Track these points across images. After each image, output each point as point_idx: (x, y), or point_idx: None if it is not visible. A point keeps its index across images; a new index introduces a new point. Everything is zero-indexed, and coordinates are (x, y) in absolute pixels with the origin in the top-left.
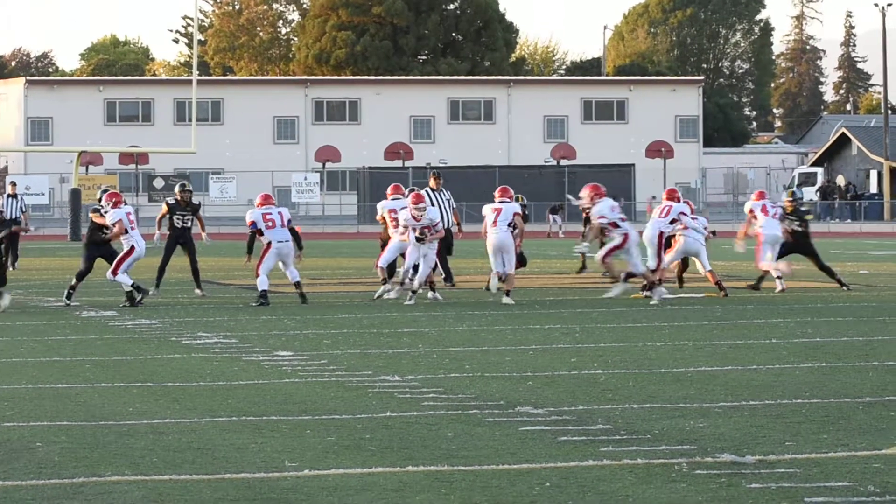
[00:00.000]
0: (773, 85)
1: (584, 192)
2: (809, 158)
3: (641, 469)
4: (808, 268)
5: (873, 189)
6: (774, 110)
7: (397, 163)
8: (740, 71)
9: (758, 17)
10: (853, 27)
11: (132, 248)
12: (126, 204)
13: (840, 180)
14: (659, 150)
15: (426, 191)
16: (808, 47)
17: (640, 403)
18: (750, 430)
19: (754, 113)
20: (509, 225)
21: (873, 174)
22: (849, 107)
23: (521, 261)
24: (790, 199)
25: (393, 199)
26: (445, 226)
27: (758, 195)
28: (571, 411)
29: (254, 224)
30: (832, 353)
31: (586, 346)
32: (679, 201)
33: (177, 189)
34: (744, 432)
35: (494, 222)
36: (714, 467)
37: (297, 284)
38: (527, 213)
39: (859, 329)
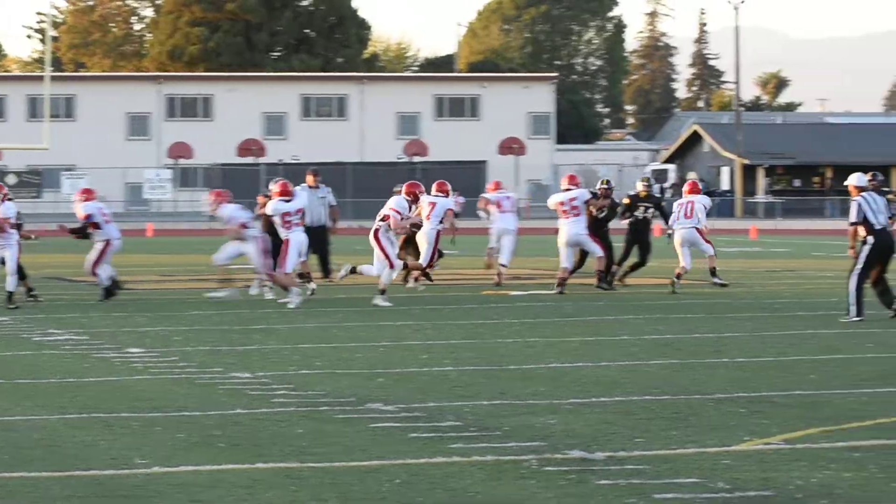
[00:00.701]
0: (625, 82)
1: (210, 198)
2: (662, 155)
3: (491, 466)
4: (658, 266)
5: (725, 186)
6: (627, 107)
7: (250, 159)
8: (593, 68)
9: (611, 14)
10: (706, 24)
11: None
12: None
13: (692, 177)
14: (511, 146)
15: (302, 187)
16: (660, 44)
17: (490, 400)
18: (600, 427)
19: (607, 110)
20: (441, 221)
21: (725, 171)
22: (701, 104)
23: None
24: (645, 184)
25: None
26: (319, 222)
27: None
28: (422, 408)
29: (89, 217)
30: (683, 349)
31: (437, 343)
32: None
33: None
34: (594, 429)
35: (428, 216)
36: (563, 464)
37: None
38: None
39: (710, 326)
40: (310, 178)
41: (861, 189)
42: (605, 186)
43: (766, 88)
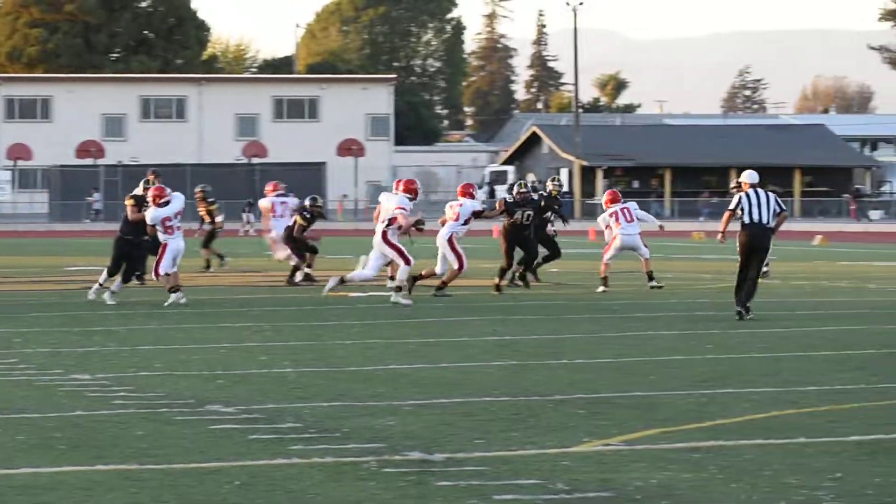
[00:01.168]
0: (464, 83)
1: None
2: (501, 157)
3: (330, 467)
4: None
5: (564, 188)
6: (466, 109)
7: (89, 161)
8: (432, 69)
9: (450, 16)
10: (544, 26)
11: None
12: None
13: (530, 178)
14: (350, 148)
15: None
16: (499, 46)
17: (330, 401)
18: (439, 428)
19: (446, 111)
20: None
21: (564, 172)
22: (540, 105)
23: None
24: (556, 184)
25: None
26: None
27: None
28: (261, 409)
29: None
30: (522, 350)
31: (276, 345)
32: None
33: None
34: (433, 430)
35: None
36: (403, 465)
37: None
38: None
39: (549, 327)
40: (150, 179)
41: (752, 186)
42: (524, 190)
43: (604, 90)
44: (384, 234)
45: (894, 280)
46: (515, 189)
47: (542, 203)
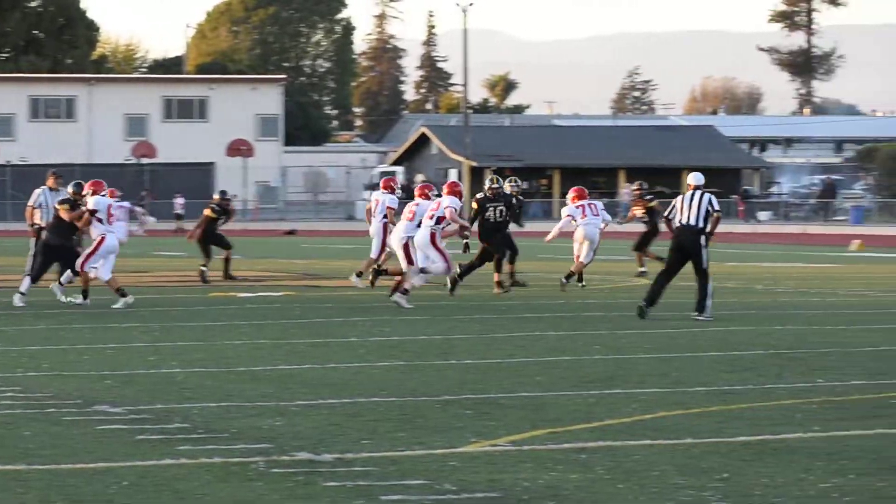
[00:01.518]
0: (354, 84)
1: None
2: (390, 157)
3: (219, 467)
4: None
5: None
6: (355, 109)
7: None
8: (322, 70)
9: (339, 16)
10: (434, 26)
11: None
12: None
13: (419, 179)
14: (239, 148)
15: (43, 189)
16: (389, 46)
17: (219, 402)
18: (327, 429)
19: (335, 112)
20: (385, 217)
21: (453, 173)
22: (429, 106)
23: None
24: (513, 184)
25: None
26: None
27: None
28: (150, 410)
29: None
30: (410, 351)
31: (165, 345)
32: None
33: None
34: (321, 430)
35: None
36: (291, 465)
37: None
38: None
39: (438, 327)
40: (50, 181)
41: (696, 188)
42: (496, 186)
43: (494, 91)
44: (433, 235)
45: (782, 281)
46: (487, 185)
47: (514, 199)
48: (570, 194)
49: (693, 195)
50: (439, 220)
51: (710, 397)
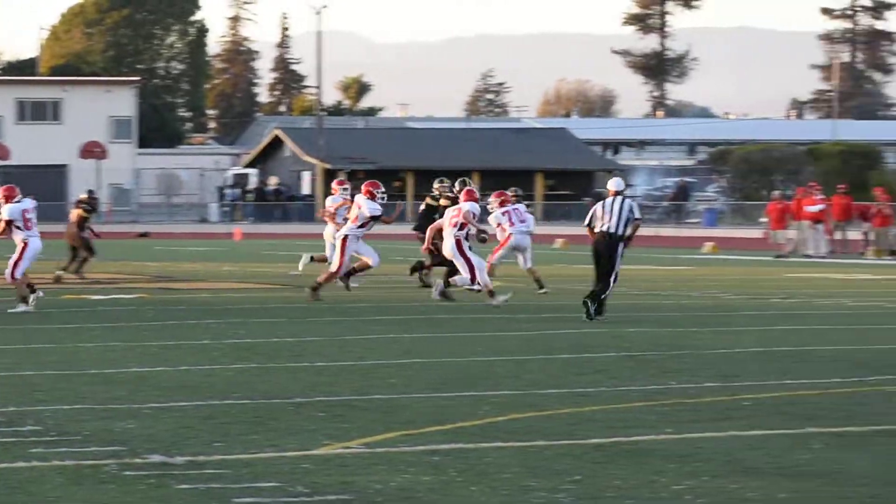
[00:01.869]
0: (207, 86)
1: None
2: (243, 159)
3: (71, 470)
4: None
5: (306, 190)
6: (209, 111)
7: None
8: (175, 72)
9: (193, 19)
10: (288, 29)
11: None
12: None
13: (272, 181)
14: (93, 150)
15: None
16: (242, 49)
17: (71, 404)
18: (180, 431)
19: (189, 114)
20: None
21: (306, 175)
22: (283, 108)
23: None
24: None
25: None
26: None
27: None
28: (2, 413)
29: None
30: (263, 353)
31: (17, 348)
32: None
33: None
34: (173, 433)
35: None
36: (144, 468)
37: None
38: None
39: (290, 329)
40: None
41: (616, 193)
42: (445, 185)
43: (347, 93)
44: (458, 242)
45: (636, 283)
46: (436, 186)
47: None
48: (493, 199)
49: (614, 201)
50: (462, 226)
51: (563, 399)
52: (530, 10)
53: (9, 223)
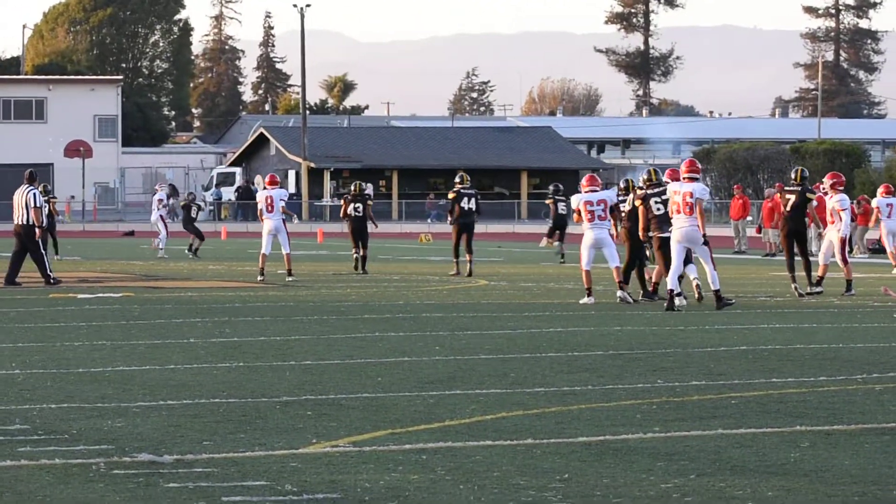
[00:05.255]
0: (192, 85)
1: None
2: (228, 158)
3: (59, 469)
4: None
5: (291, 189)
6: (193, 110)
7: None
8: (160, 71)
9: (177, 17)
10: (272, 27)
11: None
12: None
13: (258, 181)
14: (78, 149)
15: None
16: (227, 47)
17: (59, 403)
18: (168, 430)
19: (173, 113)
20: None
21: (291, 174)
22: (267, 107)
23: None
24: None
25: (589, 191)
26: None
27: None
28: None
29: None
30: (250, 352)
31: (3, 346)
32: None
33: None
34: (162, 432)
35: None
36: (132, 467)
37: None
38: None
39: (277, 328)
40: None
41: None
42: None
43: (332, 92)
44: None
45: None
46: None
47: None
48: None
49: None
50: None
51: (551, 398)
52: (513, 9)
53: None
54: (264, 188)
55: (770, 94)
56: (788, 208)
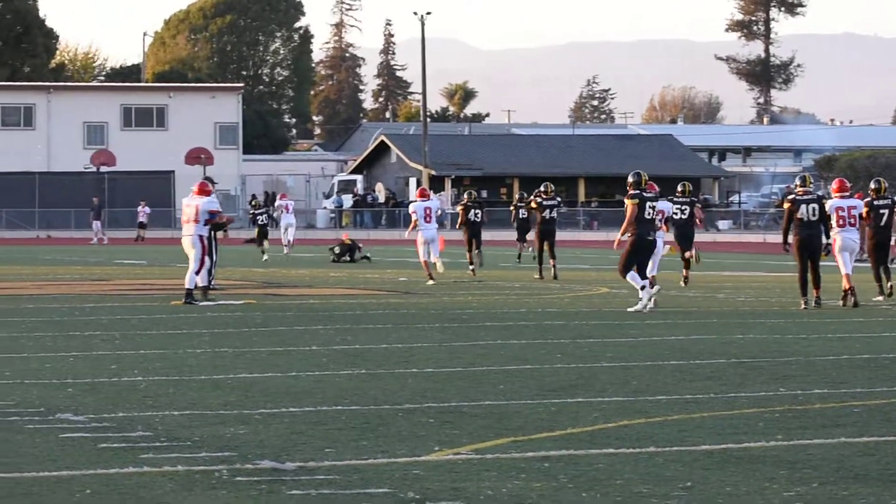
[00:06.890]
0: (312, 92)
1: None
2: (349, 166)
3: (182, 476)
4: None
5: (413, 197)
6: (314, 118)
7: None
8: (280, 78)
9: (297, 25)
10: (392, 35)
11: None
12: None
13: (379, 188)
14: (199, 156)
15: None
16: (347, 55)
17: (181, 410)
18: (290, 437)
19: (294, 120)
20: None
21: (412, 182)
22: (388, 114)
23: None
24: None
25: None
26: None
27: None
28: (112, 418)
29: None
30: (372, 360)
31: (127, 353)
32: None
33: None
34: (284, 439)
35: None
36: (255, 474)
37: None
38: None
39: (398, 336)
40: None
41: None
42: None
43: (453, 100)
44: None
45: (743, 290)
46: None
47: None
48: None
49: None
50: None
51: (672, 406)
52: (630, 17)
53: None
54: (415, 200)
55: (891, 102)
56: (882, 223)
